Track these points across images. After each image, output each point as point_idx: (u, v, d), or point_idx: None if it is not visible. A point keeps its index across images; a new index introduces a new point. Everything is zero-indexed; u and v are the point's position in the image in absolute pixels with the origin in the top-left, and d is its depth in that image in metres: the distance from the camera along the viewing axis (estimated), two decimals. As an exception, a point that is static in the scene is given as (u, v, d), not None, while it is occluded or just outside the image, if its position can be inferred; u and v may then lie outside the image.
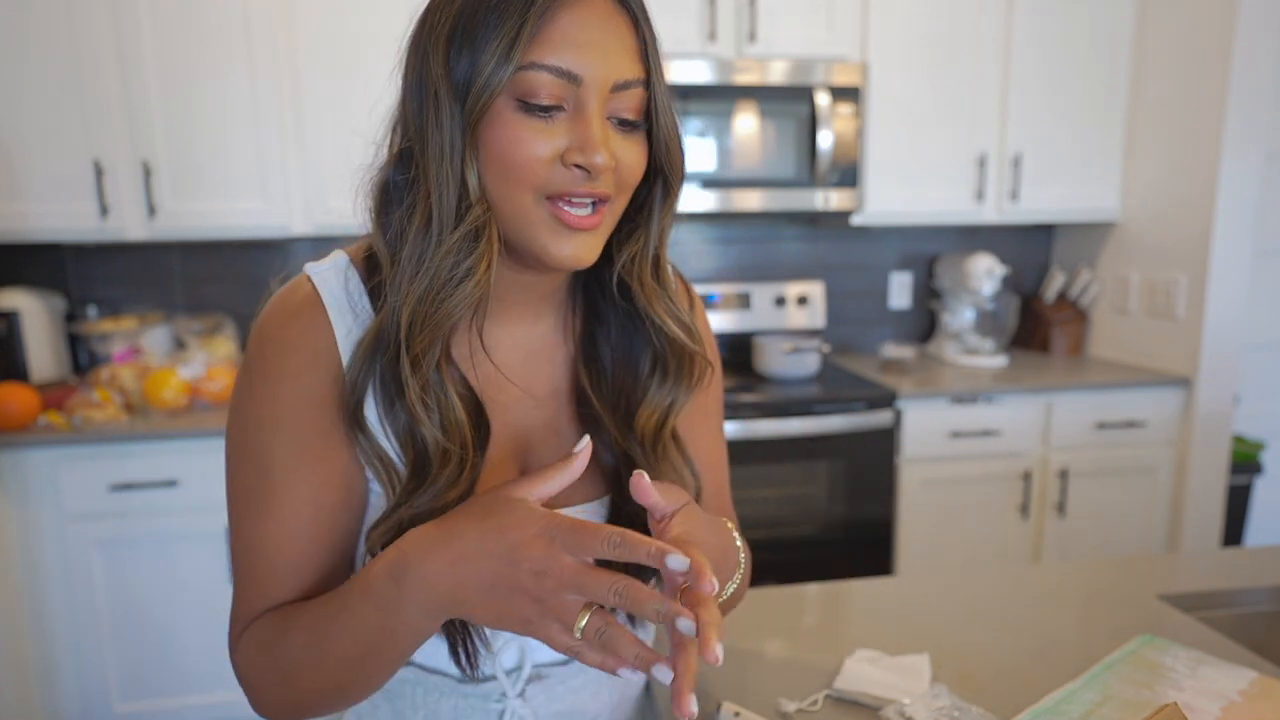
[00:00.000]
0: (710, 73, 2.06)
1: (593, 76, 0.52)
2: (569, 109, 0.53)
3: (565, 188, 0.53)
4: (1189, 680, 0.72)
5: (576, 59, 0.51)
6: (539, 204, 0.54)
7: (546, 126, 0.52)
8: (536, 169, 0.53)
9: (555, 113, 0.53)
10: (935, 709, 0.69)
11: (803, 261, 2.60)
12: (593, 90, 0.52)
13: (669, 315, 0.63)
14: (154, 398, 1.88)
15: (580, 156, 0.52)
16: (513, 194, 0.54)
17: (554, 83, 0.51)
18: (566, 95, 0.52)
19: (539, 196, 0.54)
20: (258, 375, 0.57)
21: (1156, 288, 2.27)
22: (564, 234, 0.55)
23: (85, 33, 1.84)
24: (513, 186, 0.53)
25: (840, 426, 2.01)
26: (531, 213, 0.54)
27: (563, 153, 0.53)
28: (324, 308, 0.58)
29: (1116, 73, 2.31)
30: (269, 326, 0.58)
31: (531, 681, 0.63)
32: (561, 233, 0.55)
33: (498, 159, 0.53)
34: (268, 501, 0.57)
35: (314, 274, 0.60)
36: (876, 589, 0.99)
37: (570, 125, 0.53)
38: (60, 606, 1.81)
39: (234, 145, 1.96)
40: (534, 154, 0.52)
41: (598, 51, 0.52)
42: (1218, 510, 2.23)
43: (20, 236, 1.91)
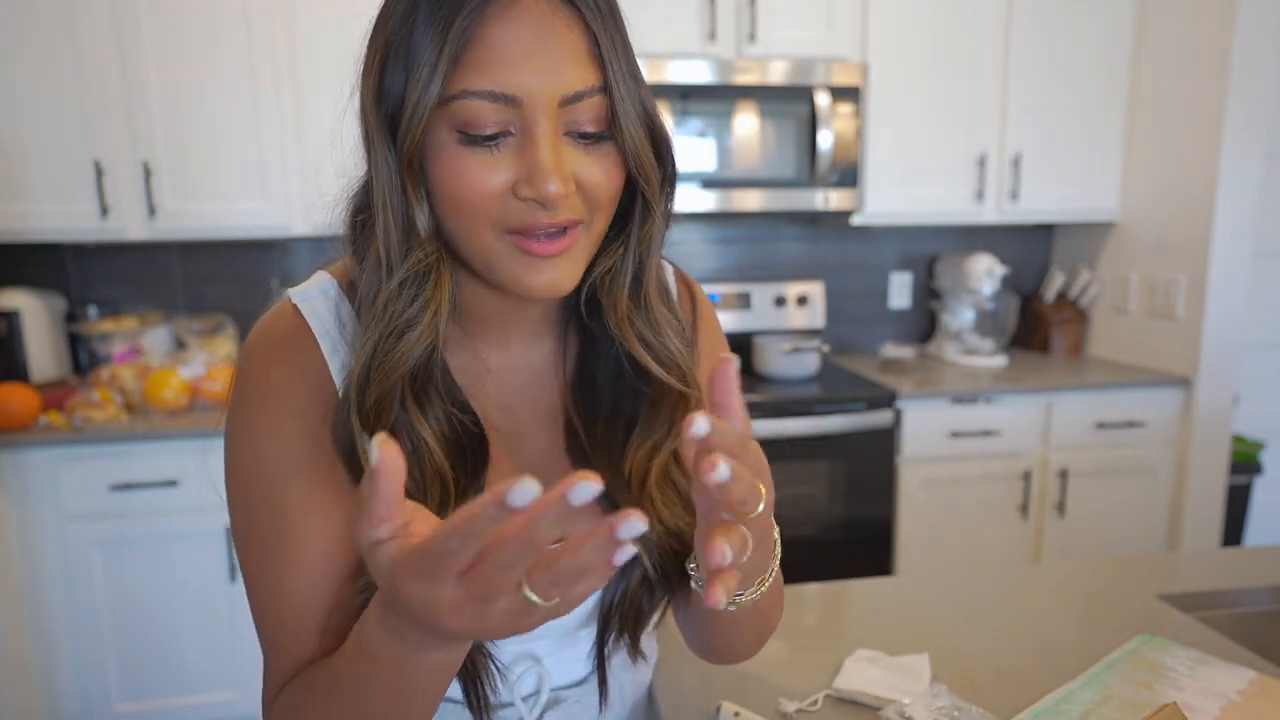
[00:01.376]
0: (710, 73, 2.06)
1: (533, 95, 0.46)
2: (516, 133, 0.48)
3: (523, 222, 0.48)
4: (1189, 680, 0.72)
5: (511, 78, 0.46)
6: (500, 239, 0.50)
7: (493, 157, 0.47)
8: (487, 204, 0.48)
9: (501, 139, 0.47)
10: (935, 709, 0.69)
11: (803, 261, 2.60)
12: (537, 110, 0.47)
13: (642, 344, 0.56)
14: (154, 398, 1.88)
15: (529, 189, 0.47)
16: (469, 231, 0.49)
17: (490, 109, 0.46)
18: (509, 120, 0.47)
19: (498, 232, 0.49)
20: (256, 413, 0.53)
21: (1156, 288, 2.27)
22: (533, 264, 0.50)
23: (85, 33, 1.85)
24: (467, 223, 0.49)
25: (840, 426, 2.01)
26: (494, 248, 0.50)
27: (513, 185, 0.48)
28: (314, 338, 0.55)
29: (1116, 73, 2.31)
30: (260, 361, 0.54)
31: (550, 708, 0.61)
32: (531, 263, 0.50)
33: (446, 196, 0.49)
34: (288, 547, 0.52)
35: (300, 302, 0.56)
36: (876, 589, 0.99)
37: (518, 152, 0.47)
38: (60, 606, 1.81)
39: (234, 145, 1.96)
40: (481, 189, 0.47)
41: (536, 65, 0.46)
42: (1218, 510, 2.23)
43: (20, 236, 1.91)
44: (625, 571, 0.60)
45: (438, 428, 0.53)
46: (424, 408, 0.53)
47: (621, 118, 0.49)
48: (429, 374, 0.53)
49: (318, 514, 0.53)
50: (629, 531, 0.32)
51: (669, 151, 0.54)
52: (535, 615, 0.36)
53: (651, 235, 0.56)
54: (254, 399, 0.53)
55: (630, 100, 0.50)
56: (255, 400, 0.53)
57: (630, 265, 0.56)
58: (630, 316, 0.56)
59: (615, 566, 0.33)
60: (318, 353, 0.54)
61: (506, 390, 0.61)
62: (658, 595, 0.61)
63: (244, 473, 0.53)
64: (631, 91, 0.50)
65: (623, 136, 0.50)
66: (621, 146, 0.50)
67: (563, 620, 0.59)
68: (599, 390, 0.60)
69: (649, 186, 0.53)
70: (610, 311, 0.56)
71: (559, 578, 0.34)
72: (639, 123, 0.51)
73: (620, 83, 0.49)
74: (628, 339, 0.56)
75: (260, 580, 0.53)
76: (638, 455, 0.58)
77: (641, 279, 0.57)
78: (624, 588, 0.60)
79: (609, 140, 0.51)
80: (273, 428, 0.53)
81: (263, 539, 0.53)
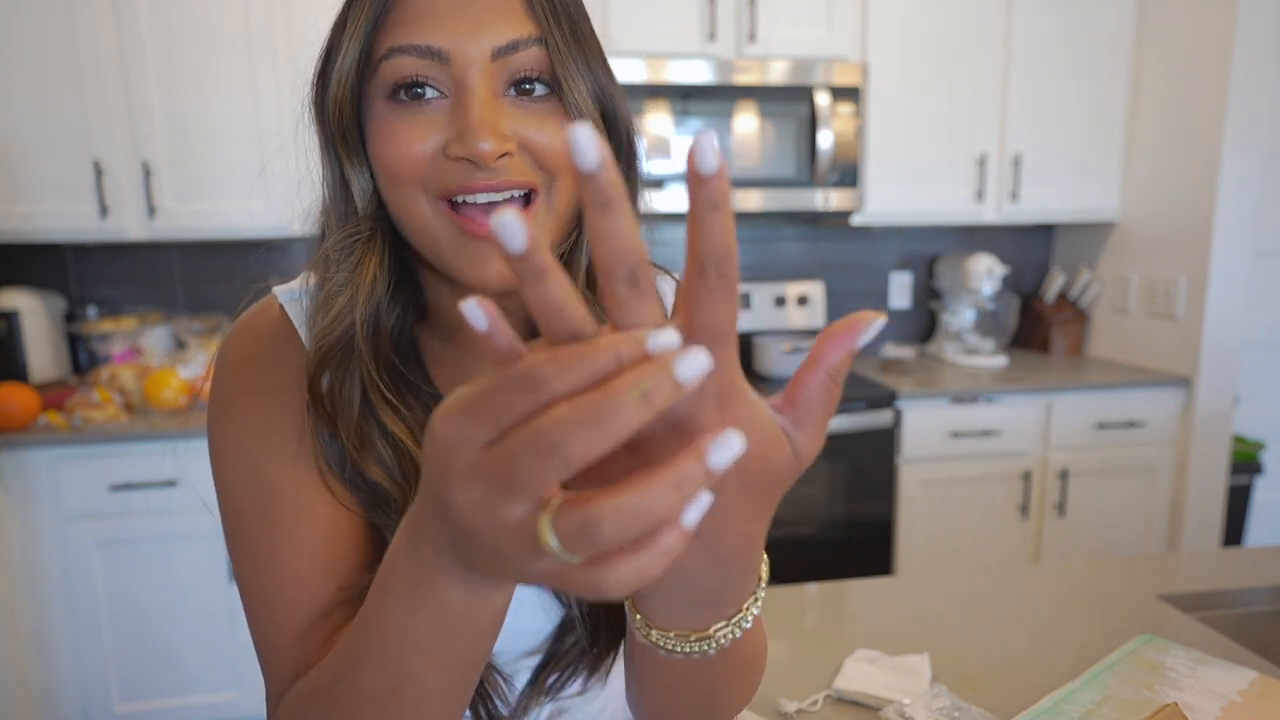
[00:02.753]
0: (710, 73, 2.06)
1: (462, 49, 0.44)
2: (449, 93, 0.46)
3: (456, 182, 0.45)
4: (1189, 680, 0.72)
5: (437, 31, 0.44)
6: (436, 212, 0.47)
7: (424, 119, 0.45)
8: (413, 166, 0.46)
9: (432, 100, 0.46)
10: (935, 709, 0.69)
11: (803, 261, 2.60)
12: (468, 65, 0.44)
13: None
14: (154, 398, 1.88)
15: (460, 147, 0.44)
16: (404, 200, 0.47)
17: (417, 64, 0.44)
18: (439, 78, 0.45)
19: (431, 200, 0.46)
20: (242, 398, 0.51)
21: (1156, 288, 2.27)
22: (472, 247, 0.46)
23: (85, 33, 1.85)
24: (399, 190, 0.47)
25: (840, 426, 2.01)
26: (431, 223, 0.47)
27: (445, 145, 0.45)
28: (295, 330, 0.53)
29: (1116, 73, 2.31)
30: (242, 348, 0.53)
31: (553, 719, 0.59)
32: (472, 247, 0.46)
33: (378, 164, 0.47)
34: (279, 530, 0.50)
35: (283, 297, 0.54)
36: (876, 589, 0.99)
37: (451, 113, 0.45)
38: (60, 606, 1.81)
39: (234, 145, 1.96)
40: (406, 150, 0.45)
41: (464, 18, 0.44)
42: (1218, 510, 2.23)
43: (20, 236, 1.91)
44: None
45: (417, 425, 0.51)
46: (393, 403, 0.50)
47: (560, 71, 0.47)
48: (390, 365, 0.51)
49: (307, 495, 0.50)
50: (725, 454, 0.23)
51: (623, 125, 0.51)
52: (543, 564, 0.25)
53: None
54: (238, 392, 0.52)
55: (571, 58, 0.47)
56: (238, 393, 0.52)
57: (585, 249, 0.53)
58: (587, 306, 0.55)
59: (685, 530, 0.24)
60: (297, 340, 0.53)
61: None
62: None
63: (232, 466, 0.51)
64: (573, 50, 0.47)
65: (567, 95, 0.47)
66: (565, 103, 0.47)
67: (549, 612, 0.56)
68: None
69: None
70: None
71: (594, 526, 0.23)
72: (583, 81, 0.48)
73: (559, 35, 0.46)
74: None
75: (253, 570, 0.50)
76: None
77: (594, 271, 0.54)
78: None
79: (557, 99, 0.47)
80: (257, 418, 0.51)
81: (254, 526, 0.50)
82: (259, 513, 0.50)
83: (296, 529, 0.50)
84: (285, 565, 0.49)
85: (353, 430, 0.49)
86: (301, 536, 0.49)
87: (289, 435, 0.50)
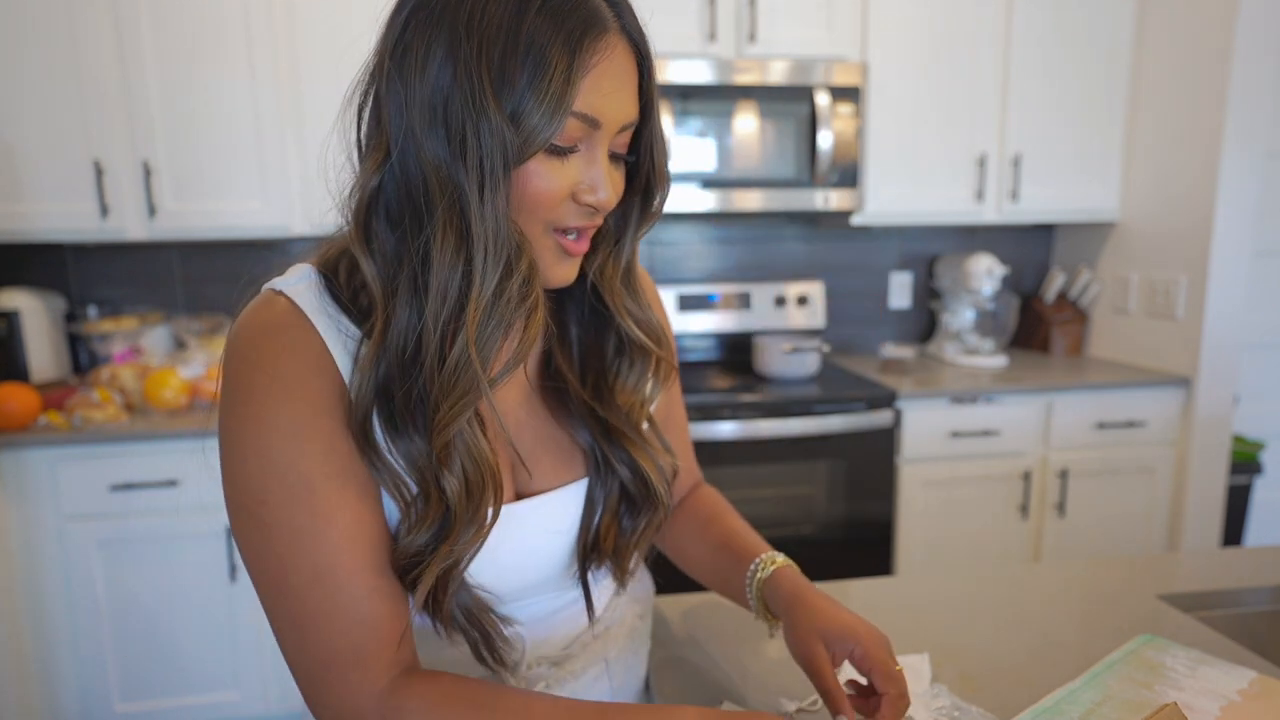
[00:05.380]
0: (710, 73, 2.06)
1: (610, 120, 0.54)
2: (583, 148, 0.54)
3: (572, 223, 0.56)
4: (1189, 680, 0.72)
5: (601, 105, 0.53)
6: (546, 234, 0.56)
7: (564, 165, 0.54)
8: (553, 205, 0.54)
9: (572, 152, 0.54)
10: (935, 709, 0.69)
11: (803, 261, 2.60)
12: (608, 133, 0.55)
13: (634, 320, 0.66)
14: (154, 398, 1.88)
15: (591, 197, 0.55)
16: (528, 226, 0.55)
17: (580, 127, 0.53)
18: (585, 137, 0.54)
19: (548, 228, 0.56)
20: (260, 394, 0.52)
21: (1156, 288, 2.27)
22: (563, 260, 0.58)
23: (85, 33, 1.85)
24: (530, 219, 0.54)
25: (840, 426, 2.01)
26: (540, 242, 0.56)
27: (574, 190, 0.55)
28: (310, 322, 0.54)
29: (1116, 73, 2.31)
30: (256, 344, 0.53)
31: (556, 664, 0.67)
32: (562, 259, 0.58)
33: (518, 194, 0.53)
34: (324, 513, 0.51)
35: (286, 289, 0.55)
36: (876, 589, 0.99)
37: (583, 164, 0.55)
38: (60, 606, 1.81)
39: (234, 145, 1.96)
40: (554, 191, 0.54)
41: (618, 97, 0.54)
42: (1218, 510, 2.23)
43: (20, 236, 1.91)
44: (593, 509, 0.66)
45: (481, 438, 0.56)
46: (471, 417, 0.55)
47: (654, 143, 0.59)
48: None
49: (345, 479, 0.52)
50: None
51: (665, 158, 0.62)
52: None
53: (644, 231, 0.65)
54: (257, 379, 0.52)
55: (659, 128, 0.59)
56: (258, 380, 0.52)
57: (624, 258, 0.65)
58: (625, 300, 0.65)
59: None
60: (316, 335, 0.54)
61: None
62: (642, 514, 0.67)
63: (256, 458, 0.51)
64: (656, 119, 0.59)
65: (648, 157, 0.60)
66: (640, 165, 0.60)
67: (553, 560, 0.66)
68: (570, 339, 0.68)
69: (656, 196, 0.62)
70: (608, 295, 0.65)
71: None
72: (663, 147, 0.60)
73: (655, 116, 0.58)
74: (624, 318, 0.65)
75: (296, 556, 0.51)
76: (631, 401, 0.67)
77: (632, 267, 0.66)
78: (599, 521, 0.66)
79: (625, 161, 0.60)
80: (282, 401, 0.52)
81: (290, 515, 0.51)
82: (293, 503, 0.51)
83: (337, 515, 0.52)
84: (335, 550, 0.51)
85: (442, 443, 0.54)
86: (343, 522, 0.52)
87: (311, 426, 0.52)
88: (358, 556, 0.52)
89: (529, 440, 0.65)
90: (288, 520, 0.51)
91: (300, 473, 0.51)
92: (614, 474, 0.66)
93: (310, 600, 0.51)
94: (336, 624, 0.51)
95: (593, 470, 0.67)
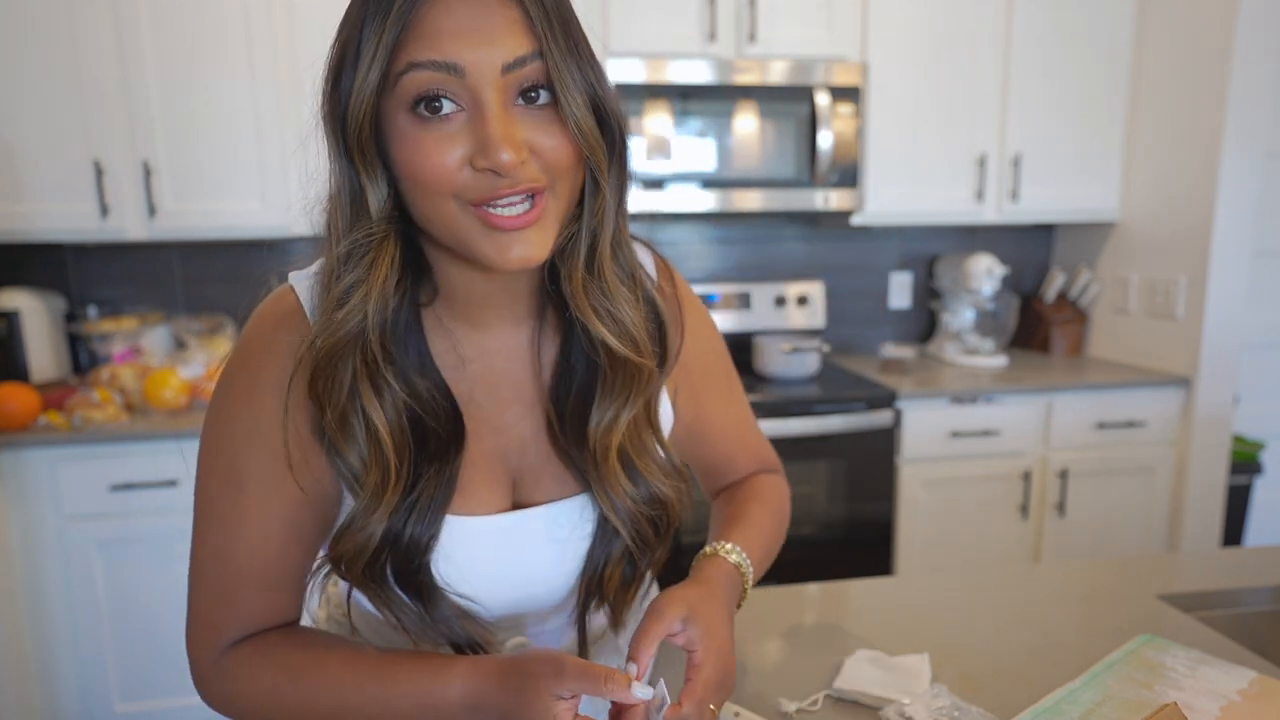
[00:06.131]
0: (710, 73, 2.06)
1: (476, 64, 0.48)
2: (466, 108, 0.50)
3: (484, 194, 0.50)
4: (1189, 680, 0.72)
5: (451, 48, 0.48)
6: (465, 212, 0.51)
7: (448, 133, 0.50)
8: (445, 178, 0.50)
9: (452, 114, 0.50)
10: (935, 709, 0.69)
11: (803, 261, 2.60)
12: (481, 79, 0.49)
13: (595, 313, 0.58)
14: (154, 398, 1.88)
15: (484, 159, 0.49)
16: (436, 208, 0.51)
17: (436, 78, 0.48)
18: (457, 91, 0.49)
19: (462, 204, 0.51)
20: (239, 385, 0.57)
21: (1156, 288, 2.27)
22: (501, 237, 0.51)
23: (85, 33, 1.84)
24: (431, 200, 0.51)
25: (840, 426, 2.01)
26: (461, 222, 0.52)
27: (469, 158, 0.50)
28: (306, 318, 0.57)
29: (1116, 73, 2.31)
30: (252, 337, 0.58)
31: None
32: (497, 236, 0.51)
33: (409, 177, 0.51)
34: (240, 515, 0.57)
35: (296, 283, 0.59)
36: (876, 589, 0.99)
37: (470, 126, 0.50)
38: (60, 606, 1.81)
39: (234, 145, 1.96)
40: (438, 163, 0.50)
41: (476, 37, 0.48)
42: (1218, 510, 2.23)
43: (20, 236, 1.90)
44: (607, 543, 0.64)
45: (394, 414, 0.56)
46: (379, 391, 0.55)
47: (558, 83, 0.51)
48: (377, 356, 0.55)
49: (276, 485, 0.56)
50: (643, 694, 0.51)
51: (614, 122, 0.55)
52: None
53: (603, 208, 0.57)
54: (240, 371, 0.58)
55: (567, 68, 0.51)
56: (240, 372, 0.58)
57: (585, 237, 0.57)
58: (585, 286, 0.58)
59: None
60: (307, 329, 0.56)
61: (491, 372, 0.63)
62: (640, 565, 0.66)
63: (215, 441, 0.58)
64: (568, 60, 0.51)
65: (563, 104, 0.51)
66: (563, 113, 0.51)
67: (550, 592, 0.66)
68: (574, 373, 0.63)
69: (594, 156, 0.54)
70: (566, 281, 0.58)
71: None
72: (577, 89, 0.52)
73: (555, 49, 0.50)
74: (582, 308, 0.58)
75: (206, 535, 0.58)
76: (599, 430, 0.61)
77: (596, 250, 0.58)
78: (605, 557, 0.65)
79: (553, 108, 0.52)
80: (249, 398, 0.57)
81: (219, 507, 0.57)
82: (223, 491, 0.57)
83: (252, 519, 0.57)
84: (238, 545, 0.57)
85: (337, 414, 0.55)
86: (255, 516, 0.57)
87: (268, 432, 0.56)
88: (254, 561, 0.57)
89: (531, 457, 0.64)
90: (215, 501, 0.57)
91: (238, 471, 0.56)
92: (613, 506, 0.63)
93: (203, 566, 0.58)
94: (210, 594, 0.58)
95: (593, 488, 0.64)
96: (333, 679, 0.55)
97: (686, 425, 0.74)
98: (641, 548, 0.65)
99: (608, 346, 0.59)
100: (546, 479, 0.64)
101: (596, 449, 0.61)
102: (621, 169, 0.57)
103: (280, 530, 0.57)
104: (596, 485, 0.62)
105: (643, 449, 0.63)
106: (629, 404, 0.61)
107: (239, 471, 0.56)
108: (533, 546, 0.64)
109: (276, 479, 0.56)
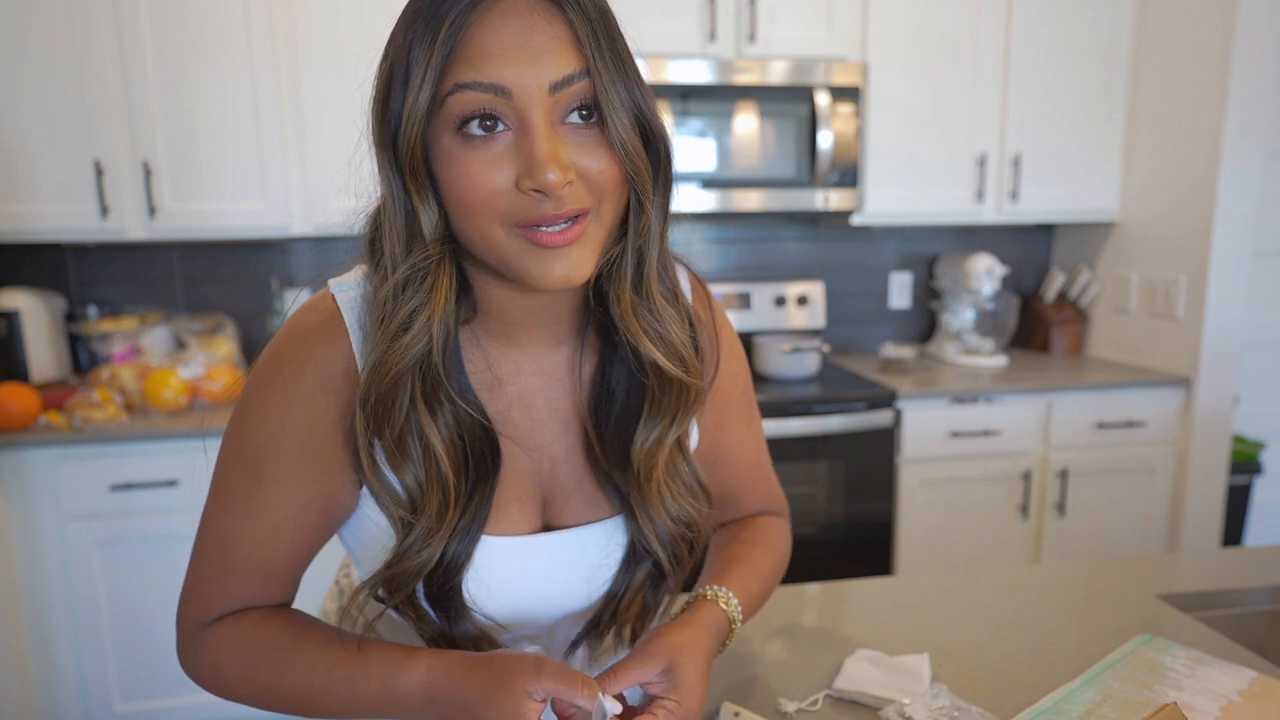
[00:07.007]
0: (710, 73, 2.06)
1: (522, 84, 0.48)
2: (512, 128, 0.49)
3: (531, 216, 0.49)
4: (1189, 680, 0.72)
5: (498, 69, 0.47)
6: (510, 234, 0.51)
7: (494, 155, 0.49)
8: (494, 201, 0.49)
9: (498, 135, 0.49)
10: (935, 709, 0.69)
11: (803, 261, 2.60)
12: (529, 101, 0.48)
13: (646, 335, 0.57)
14: (154, 398, 1.88)
15: (530, 181, 0.48)
16: (481, 230, 0.51)
17: (481, 99, 0.48)
18: (504, 112, 0.48)
19: (508, 227, 0.51)
20: (275, 388, 0.57)
21: (1156, 288, 2.27)
22: (544, 255, 0.51)
23: (85, 33, 1.84)
24: (478, 222, 0.50)
25: (840, 426, 2.01)
26: (506, 244, 0.51)
27: (516, 179, 0.49)
28: (345, 328, 0.57)
29: (1116, 73, 2.31)
30: (290, 342, 0.58)
31: None
32: (541, 254, 0.51)
33: (455, 199, 0.50)
34: (251, 506, 0.58)
35: (338, 292, 0.58)
36: (876, 589, 0.99)
37: (517, 147, 0.49)
38: (60, 606, 1.81)
39: (234, 145, 1.96)
40: (486, 186, 0.49)
41: (522, 57, 0.48)
42: (1218, 510, 2.23)
43: (20, 236, 1.90)
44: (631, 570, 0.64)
45: (447, 433, 0.56)
46: (434, 412, 0.55)
47: (604, 103, 0.50)
48: (437, 377, 0.55)
49: (292, 487, 0.57)
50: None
51: (660, 143, 0.54)
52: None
53: (647, 228, 0.56)
54: (275, 374, 0.57)
55: (614, 88, 0.50)
56: (275, 375, 0.57)
57: (630, 258, 0.57)
58: (634, 308, 0.57)
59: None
60: (346, 342, 0.57)
61: (526, 392, 0.62)
62: (664, 587, 0.66)
63: (241, 431, 0.58)
64: (616, 80, 0.51)
65: (610, 125, 0.50)
66: (609, 135, 0.51)
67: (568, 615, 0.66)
68: (614, 394, 0.62)
69: (638, 176, 0.53)
70: (615, 304, 0.57)
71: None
72: (624, 109, 0.51)
73: (603, 68, 0.50)
74: (633, 331, 0.57)
75: (215, 519, 0.59)
76: (643, 452, 0.60)
77: (643, 271, 0.57)
78: (627, 584, 0.64)
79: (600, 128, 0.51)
80: (281, 404, 0.56)
81: (232, 488, 0.58)
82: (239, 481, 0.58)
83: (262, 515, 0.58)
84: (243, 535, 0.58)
85: (395, 436, 0.55)
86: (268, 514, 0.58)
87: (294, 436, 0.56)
88: (256, 552, 0.58)
89: (562, 477, 0.64)
90: (230, 488, 0.58)
91: (258, 466, 0.57)
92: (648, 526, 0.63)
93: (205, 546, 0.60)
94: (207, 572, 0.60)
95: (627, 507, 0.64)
96: (306, 658, 0.57)
97: (704, 451, 0.73)
98: (674, 567, 0.65)
99: (658, 367, 0.58)
100: (577, 500, 0.64)
101: (641, 469, 0.61)
102: (666, 189, 0.56)
103: (288, 529, 0.58)
104: (639, 506, 0.62)
105: (674, 470, 0.63)
106: (675, 424, 0.61)
107: (259, 467, 0.57)
108: (559, 568, 0.63)
109: (294, 481, 0.57)
